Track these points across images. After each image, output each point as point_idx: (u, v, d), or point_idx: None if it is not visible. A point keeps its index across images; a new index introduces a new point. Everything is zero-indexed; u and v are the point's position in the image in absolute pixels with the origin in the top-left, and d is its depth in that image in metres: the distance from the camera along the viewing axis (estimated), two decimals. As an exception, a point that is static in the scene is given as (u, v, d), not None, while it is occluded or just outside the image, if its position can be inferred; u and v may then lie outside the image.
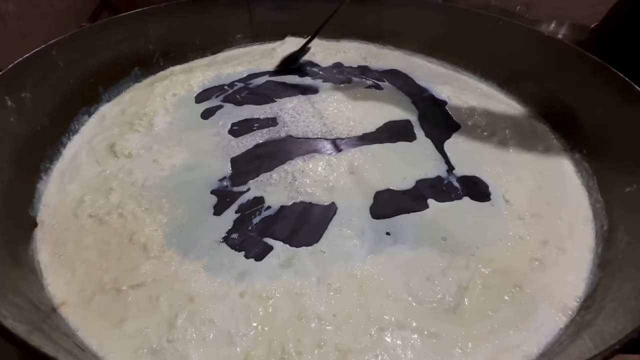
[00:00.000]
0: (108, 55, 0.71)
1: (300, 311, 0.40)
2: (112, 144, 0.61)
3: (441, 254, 0.46)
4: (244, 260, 0.45)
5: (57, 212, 0.49)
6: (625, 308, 0.34)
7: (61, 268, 0.42)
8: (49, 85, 0.57)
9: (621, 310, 0.34)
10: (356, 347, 0.36)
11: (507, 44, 0.78)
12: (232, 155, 0.62)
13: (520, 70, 0.76)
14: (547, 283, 0.43)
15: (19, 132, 0.50)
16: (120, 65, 0.74)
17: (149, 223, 0.48)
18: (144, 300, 0.39)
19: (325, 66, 0.90)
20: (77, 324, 0.37)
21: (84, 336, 0.36)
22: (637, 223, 0.43)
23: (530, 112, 0.74)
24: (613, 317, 0.32)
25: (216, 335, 0.37)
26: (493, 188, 0.57)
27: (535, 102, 0.74)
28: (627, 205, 0.46)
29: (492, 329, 0.38)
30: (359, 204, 0.54)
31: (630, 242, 0.42)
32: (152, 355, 0.35)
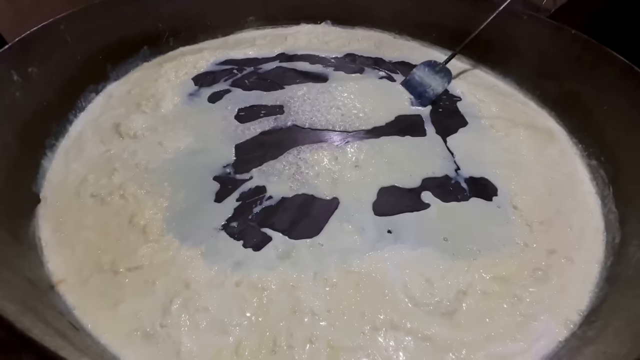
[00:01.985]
0: (117, 33, 0.69)
1: (295, 304, 0.39)
2: (118, 123, 0.60)
3: (442, 256, 0.45)
4: (242, 249, 0.45)
5: (59, 189, 0.49)
6: (633, 330, 0.32)
7: (61, 246, 0.43)
8: (56, 61, 0.57)
9: (628, 332, 0.33)
10: (348, 345, 0.36)
11: (529, 39, 0.74)
12: (237, 142, 0.62)
13: (541, 68, 0.73)
14: (550, 294, 0.41)
15: (24, 108, 0.49)
16: (129, 44, 0.73)
17: (150, 206, 0.48)
18: (140, 283, 0.40)
19: (338, 55, 0.87)
20: (74, 302, 0.38)
21: (79, 315, 0.36)
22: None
23: (549, 114, 0.72)
24: (618, 337, 0.31)
25: (210, 323, 0.37)
26: (502, 191, 0.56)
27: (554, 103, 0.71)
28: (635, 215, 0.44)
29: (489, 337, 0.38)
30: (362, 199, 0.53)
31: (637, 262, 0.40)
32: (145, 338, 0.35)
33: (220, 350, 0.35)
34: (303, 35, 0.94)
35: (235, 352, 0.35)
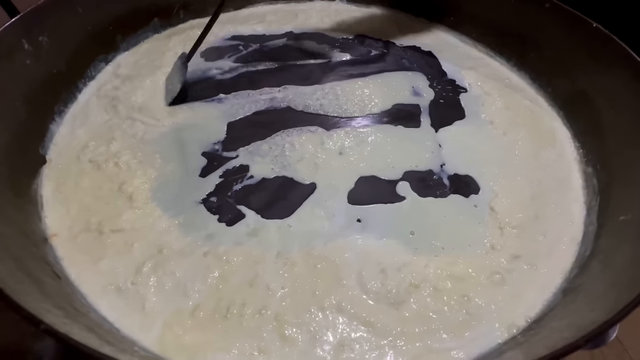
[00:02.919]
0: (128, 4, 0.72)
1: (253, 278, 0.43)
2: (120, 93, 0.64)
3: (405, 249, 0.47)
4: (216, 223, 0.49)
5: (63, 153, 0.54)
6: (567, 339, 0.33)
7: (59, 204, 0.48)
8: (67, 31, 0.60)
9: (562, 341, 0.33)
10: (293, 320, 0.39)
11: (547, 30, 0.69)
12: (231, 120, 0.64)
13: (556, 62, 0.68)
14: (502, 298, 0.42)
15: (34, 75, 0.54)
16: (140, 15, 0.75)
17: (139, 175, 0.52)
18: (120, 244, 0.44)
19: (348, 35, 0.85)
20: (63, 254, 0.43)
21: (66, 265, 0.42)
22: (616, 255, 0.40)
23: (557, 113, 0.68)
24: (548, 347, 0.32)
25: (174, 285, 0.41)
26: (483, 191, 0.55)
27: (563, 102, 0.67)
28: (615, 234, 0.43)
29: (429, 330, 0.39)
30: (339, 186, 0.54)
31: (601, 273, 0.39)
32: (117, 292, 0.40)
33: (179, 310, 0.40)
34: (315, 12, 0.92)
35: (192, 313, 0.39)
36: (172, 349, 0.37)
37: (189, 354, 0.37)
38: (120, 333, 0.37)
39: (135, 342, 0.37)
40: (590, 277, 0.40)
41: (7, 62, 0.49)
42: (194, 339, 0.38)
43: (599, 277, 0.39)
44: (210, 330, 0.38)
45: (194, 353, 0.37)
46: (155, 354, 0.36)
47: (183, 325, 0.39)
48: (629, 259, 0.37)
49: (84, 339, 0.26)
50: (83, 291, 0.40)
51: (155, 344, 0.37)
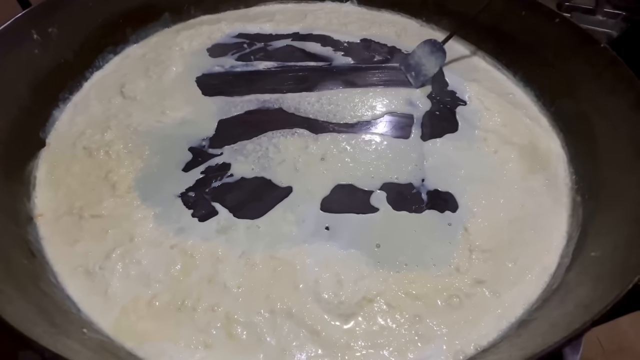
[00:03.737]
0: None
1: (213, 275, 0.44)
2: (123, 84, 0.67)
3: (367, 262, 0.47)
4: (189, 217, 0.51)
5: (62, 138, 0.58)
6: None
7: (49, 186, 0.52)
8: (77, 24, 0.64)
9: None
10: (242, 320, 0.41)
11: (557, 46, 0.65)
12: (222, 117, 0.66)
13: (563, 80, 0.65)
14: (455, 322, 0.41)
15: (41, 64, 0.58)
16: (151, 9, 0.78)
17: (126, 165, 0.55)
18: (97, 229, 0.47)
19: (354, 39, 0.85)
20: (45, 233, 0.47)
21: (45, 244, 0.45)
22: (576, 291, 0.38)
23: (557, 135, 0.64)
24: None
25: (138, 274, 0.44)
26: (461, 210, 0.53)
27: (565, 123, 0.63)
28: (583, 270, 0.40)
29: (374, 345, 0.39)
30: (314, 192, 0.55)
31: (556, 309, 0.38)
32: (86, 274, 0.43)
33: (138, 298, 0.42)
34: (324, 14, 0.92)
35: (149, 302, 0.42)
36: (124, 333, 0.39)
37: (138, 340, 0.39)
38: (80, 314, 0.40)
39: (92, 323, 0.39)
40: (544, 313, 0.39)
41: (15, 51, 0.53)
42: (145, 327, 0.40)
43: (553, 313, 0.37)
44: (162, 320, 0.40)
45: (143, 340, 0.39)
46: (108, 336, 0.38)
47: (139, 312, 0.41)
48: (584, 297, 0.35)
49: (24, 320, 0.28)
50: (55, 270, 0.43)
51: (110, 327, 0.39)
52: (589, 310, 0.29)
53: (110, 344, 0.37)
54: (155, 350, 0.38)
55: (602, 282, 0.35)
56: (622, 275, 0.32)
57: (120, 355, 0.36)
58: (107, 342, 0.37)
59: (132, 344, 0.38)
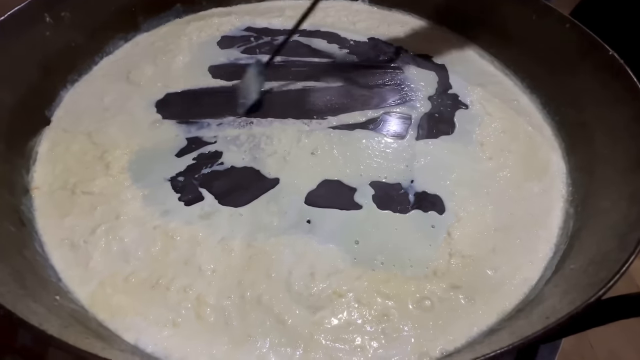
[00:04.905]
0: (153, -13, 0.77)
1: (190, 257, 0.45)
2: (129, 70, 0.70)
3: (343, 257, 0.46)
4: (175, 201, 0.52)
5: (65, 117, 0.61)
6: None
7: (48, 161, 0.55)
8: (90, 9, 0.67)
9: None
10: (212, 303, 0.41)
11: (565, 52, 0.63)
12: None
13: (568, 88, 0.62)
14: (424, 325, 0.40)
15: (52, 46, 0.61)
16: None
17: (122, 147, 0.57)
18: (86, 205, 0.49)
19: (361, 38, 0.84)
20: (38, 205, 0.49)
21: (37, 215, 0.48)
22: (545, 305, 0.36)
23: (559, 145, 0.62)
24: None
25: (119, 250, 0.45)
26: (448, 214, 0.52)
27: (567, 133, 0.61)
28: (559, 282, 0.39)
29: (337, 339, 0.39)
30: (300, 185, 0.55)
31: (522, 319, 0.36)
32: (70, 247, 0.45)
33: (116, 273, 0.43)
34: (335, 11, 0.92)
35: (125, 278, 0.43)
36: (98, 305, 0.41)
37: (111, 313, 0.40)
38: (60, 283, 0.42)
39: (69, 292, 0.41)
40: (514, 321, 0.37)
41: (27, 33, 0.56)
42: (119, 301, 0.41)
43: (518, 323, 0.36)
44: (136, 296, 0.42)
45: (115, 313, 0.40)
46: (83, 306, 0.40)
47: (115, 287, 0.42)
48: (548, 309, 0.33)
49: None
50: (43, 240, 0.45)
51: (87, 298, 0.41)
52: (547, 321, 0.28)
53: (83, 314, 0.39)
54: (125, 324, 0.39)
55: (569, 295, 0.33)
56: (586, 289, 0.30)
57: (89, 326, 0.37)
58: (79, 311, 0.39)
59: (104, 316, 0.40)
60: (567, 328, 0.27)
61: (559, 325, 0.27)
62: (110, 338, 0.37)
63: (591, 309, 0.28)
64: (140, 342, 0.38)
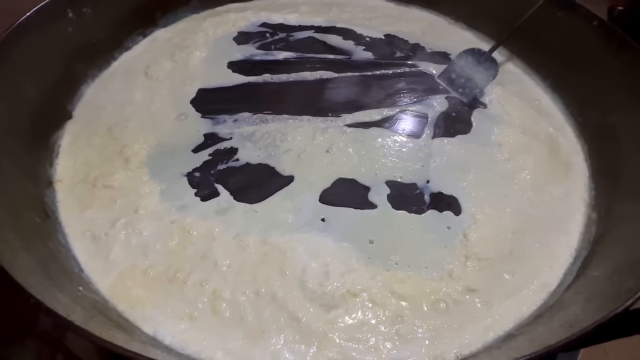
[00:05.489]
0: (171, -17, 0.78)
1: (206, 252, 0.46)
2: (148, 66, 0.71)
3: (357, 256, 0.46)
4: (192, 196, 0.53)
5: (87, 112, 0.62)
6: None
7: (70, 155, 0.56)
8: (110, 5, 0.68)
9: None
10: (227, 297, 0.42)
11: (592, 51, 0.61)
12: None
13: (595, 89, 0.60)
14: (439, 327, 0.40)
15: (74, 41, 0.62)
16: (181, -5, 0.81)
17: (141, 141, 0.58)
18: (106, 198, 0.51)
19: (377, 34, 0.83)
20: (61, 198, 0.50)
21: (60, 208, 0.49)
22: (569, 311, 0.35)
23: (582, 147, 0.60)
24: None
25: (138, 243, 0.46)
26: (464, 215, 0.52)
27: (591, 136, 0.59)
28: (579, 290, 0.38)
29: (351, 338, 0.39)
30: (315, 183, 0.55)
31: (542, 326, 0.35)
32: (92, 239, 0.47)
33: (135, 266, 0.44)
34: (351, 7, 0.91)
35: (144, 271, 0.44)
36: (118, 297, 0.42)
37: (130, 305, 0.41)
38: (82, 274, 0.43)
39: (91, 283, 0.42)
40: (533, 327, 0.37)
41: (51, 28, 0.58)
42: (138, 293, 0.42)
43: (538, 329, 0.35)
44: (154, 289, 0.43)
45: (134, 305, 0.41)
46: (104, 297, 0.41)
47: (134, 279, 0.43)
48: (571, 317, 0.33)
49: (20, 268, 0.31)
50: (66, 232, 0.47)
51: (107, 289, 0.42)
52: (571, 330, 0.28)
53: (104, 305, 0.40)
54: (144, 316, 0.40)
55: (593, 303, 0.33)
56: (613, 298, 0.30)
57: (110, 316, 0.38)
58: (101, 302, 0.40)
59: (124, 307, 0.41)
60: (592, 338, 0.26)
61: (585, 334, 0.26)
62: (130, 329, 0.38)
63: (618, 319, 0.27)
64: (159, 334, 0.39)
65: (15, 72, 0.50)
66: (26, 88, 0.53)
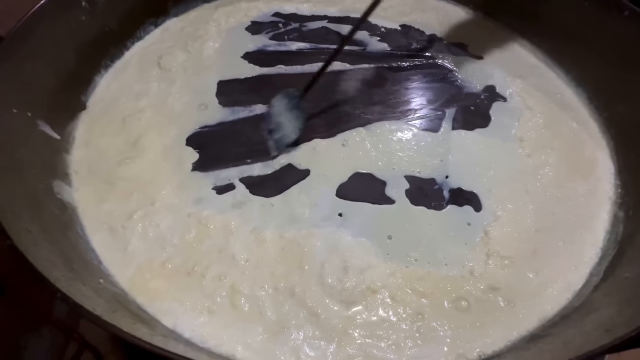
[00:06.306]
0: (183, -28, 0.76)
1: (224, 246, 0.46)
2: (160, 56, 0.70)
3: (376, 252, 0.46)
4: (208, 189, 0.52)
5: (101, 103, 0.62)
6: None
7: (85, 146, 0.56)
8: (123, -6, 0.67)
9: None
10: (246, 292, 0.42)
11: (622, 43, 0.58)
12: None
13: (624, 84, 0.58)
14: (460, 326, 0.39)
15: (87, 30, 0.61)
16: (192, -16, 0.79)
17: (155, 133, 0.57)
18: (122, 191, 0.50)
19: (392, 24, 0.81)
20: (77, 189, 0.50)
21: (77, 198, 0.49)
22: (599, 313, 0.34)
23: (607, 143, 0.58)
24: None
25: (155, 236, 0.46)
26: (485, 212, 0.51)
27: (618, 132, 0.57)
28: (612, 291, 0.37)
29: (372, 335, 0.39)
30: (331, 177, 0.54)
31: (573, 327, 0.35)
32: (109, 231, 0.46)
33: (153, 259, 0.44)
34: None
35: (162, 264, 0.44)
36: (137, 289, 0.42)
37: (149, 298, 0.41)
38: (100, 265, 0.43)
39: (110, 275, 0.42)
40: (561, 328, 0.36)
41: (65, 17, 0.57)
42: (157, 286, 0.42)
43: (569, 331, 0.34)
44: (173, 282, 0.42)
45: (153, 297, 0.41)
46: (123, 289, 0.41)
47: (153, 272, 0.43)
48: (606, 320, 0.32)
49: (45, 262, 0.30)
50: (83, 223, 0.47)
51: (126, 282, 0.42)
52: (610, 334, 0.27)
53: (124, 297, 0.40)
54: (163, 308, 0.40)
55: (630, 307, 0.31)
56: (653, 301, 0.28)
57: (130, 309, 0.38)
58: (120, 294, 0.40)
59: (143, 300, 0.41)
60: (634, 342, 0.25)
61: (629, 339, 0.25)
62: (151, 322, 0.38)
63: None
64: (178, 327, 0.39)
65: (29, 62, 0.50)
66: (40, 78, 0.52)
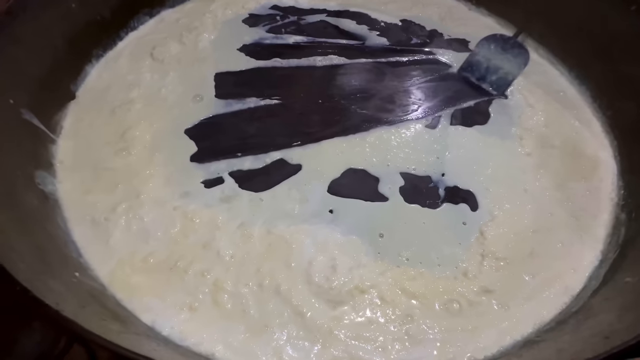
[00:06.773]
0: (179, -38, 0.75)
1: (209, 241, 0.44)
2: (154, 47, 0.68)
3: (367, 250, 0.44)
4: (197, 182, 0.50)
5: (90, 93, 0.60)
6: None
7: (72, 136, 0.54)
8: (117, -18, 0.65)
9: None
10: (229, 289, 0.40)
11: (628, 39, 0.56)
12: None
13: (630, 81, 0.56)
14: (451, 329, 0.38)
15: (78, 18, 0.60)
16: (189, -25, 0.78)
17: (145, 124, 0.56)
18: (107, 182, 0.49)
19: (392, 19, 0.79)
20: (61, 180, 0.49)
21: (60, 188, 0.48)
22: (597, 320, 0.32)
23: (610, 143, 0.56)
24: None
25: (139, 230, 0.45)
26: (481, 211, 0.49)
27: (622, 131, 0.55)
28: (612, 296, 0.35)
29: (358, 337, 0.37)
30: (324, 173, 0.52)
31: (568, 334, 0.33)
32: (92, 223, 0.45)
33: (135, 253, 0.43)
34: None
35: (144, 258, 0.42)
36: (117, 284, 0.40)
37: (129, 293, 0.40)
38: (80, 258, 0.42)
39: (90, 269, 0.41)
40: (557, 334, 0.34)
41: (52, 4, 0.55)
42: (138, 281, 0.41)
43: (564, 337, 0.33)
44: (154, 277, 0.41)
45: (133, 293, 0.40)
46: (102, 284, 0.40)
47: (134, 266, 0.42)
48: (605, 326, 0.30)
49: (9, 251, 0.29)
50: (65, 215, 0.45)
51: (106, 276, 0.41)
52: (609, 342, 0.25)
53: (101, 292, 0.39)
54: (143, 305, 0.39)
55: (632, 313, 0.30)
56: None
57: (107, 305, 0.37)
58: (98, 289, 0.39)
59: (122, 296, 0.39)
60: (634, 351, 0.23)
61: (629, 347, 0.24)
62: (128, 319, 0.37)
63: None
64: (157, 324, 0.38)
65: (15, 47, 0.48)
66: (27, 65, 0.51)
